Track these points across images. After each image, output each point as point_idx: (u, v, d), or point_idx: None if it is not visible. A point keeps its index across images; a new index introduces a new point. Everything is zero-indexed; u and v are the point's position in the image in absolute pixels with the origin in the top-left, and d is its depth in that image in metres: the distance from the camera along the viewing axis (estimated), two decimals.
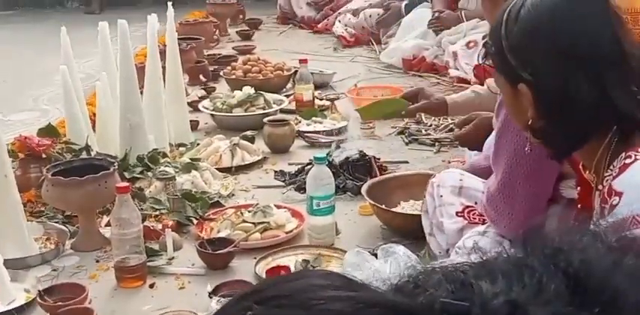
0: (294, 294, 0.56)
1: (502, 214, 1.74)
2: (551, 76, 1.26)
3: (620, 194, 1.21)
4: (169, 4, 3.07)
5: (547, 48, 1.27)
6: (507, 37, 1.30)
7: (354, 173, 2.56)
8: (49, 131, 2.71)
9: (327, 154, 2.43)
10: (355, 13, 5.00)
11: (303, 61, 3.42)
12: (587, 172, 1.41)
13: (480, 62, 1.42)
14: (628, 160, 1.24)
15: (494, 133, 1.81)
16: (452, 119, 3.07)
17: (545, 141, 1.35)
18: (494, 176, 1.78)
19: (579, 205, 1.61)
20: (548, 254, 0.59)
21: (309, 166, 2.55)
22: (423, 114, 3.18)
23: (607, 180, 1.27)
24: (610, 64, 1.25)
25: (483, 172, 2.00)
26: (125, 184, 2.11)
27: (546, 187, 1.71)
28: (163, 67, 3.00)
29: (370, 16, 4.82)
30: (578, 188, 1.60)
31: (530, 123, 1.32)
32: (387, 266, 1.89)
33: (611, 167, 1.27)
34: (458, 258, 1.77)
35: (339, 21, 5.01)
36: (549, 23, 1.29)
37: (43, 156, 2.51)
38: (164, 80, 2.99)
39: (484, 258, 0.61)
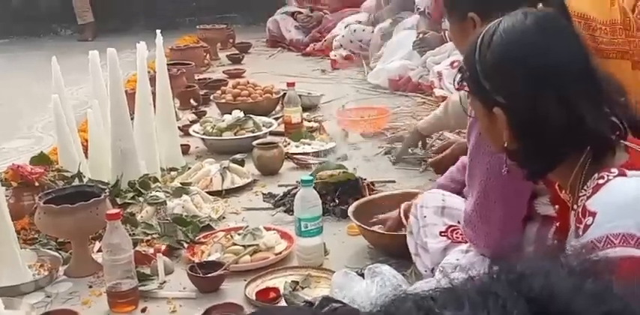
0: None
1: (479, 234, 1.78)
2: (523, 99, 1.30)
3: (593, 214, 1.24)
4: (158, 31, 3.12)
5: (519, 72, 1.30)
6: (481, 62, 1.34)
7: (340, 195, 2.59)
8: (41, 159, 2.74)
9: (313, 176, 2.46)
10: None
11: (290, 85, 3.47)
12: (564, 192, 1.45)
13: (456, 87, 1.46)
14: (601, 181, 1.26)
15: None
16: (439, 139, 3.12)
17: (520, 163, 1.39)
18: (470, 196, 1.81)
19: (557, 224, 1.65)
20: (511, 280, 0.60)
21: (296, 189, 2.59)
22: None
23: (581, 200, 1.29)
24: (581, 87, 1.29)
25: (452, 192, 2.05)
26: (115, 210, 2.15)
27: (521, 206, 1.74)
28: (154, 93, 3.05)
29: (355, 30, 4.89)
30: (556, 207, 1.63)
31: (505, 145, 1.36)
32: (374, 286, 1.92)
33: (585, 187, 1.30)
34: (440, 277, 1.80)
35: (336, 40, 5.06)
36: (520, 48, 1.33)
37: (36, 184, 2.53)
38: (155, 106, 3.03)
39: (452, 284, 0.63)
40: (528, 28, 1.33)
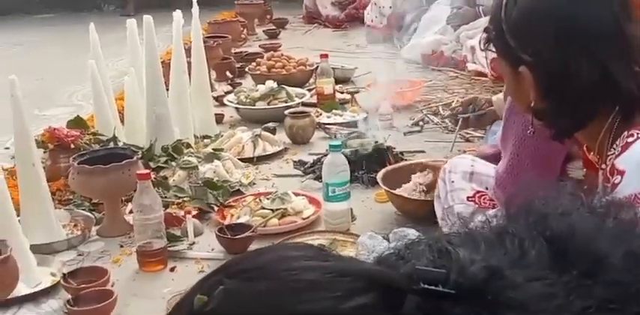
0: (265, 266, 0.56)
1: None
2: (550, 56, 1.28)
3: (622, 173, 1.23)
4: (194, 1, 3.14)
5: (546, 29, 1.29)
6: (507, 20, 1.33)
7: (369, 164, 2.60)
8: (77, 123, 2.79)
9: (342, 143, 2.48)
10: None
11: (323, 56, 3.48)
12: (591, 153, 1.43)
13: (482, 48, 1.45)
14: (630, 139, 1.25)
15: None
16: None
17: (547, 122, 1.37)
18: (503, 158, 1.81)
19: (585, 187, 1.64)
20: (531, 221, 0.60)
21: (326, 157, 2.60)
22: (440, 106, 3.23)
23: (610, 159, 1.28)
24: (610, 44, 1.27)
25: (488, 160, 2.04)
26: (146, 171, 2.18)
27: (554, 168, 1.73)
28: (190, 63, 3.08)
29: None
30: (584, 170, 1.62)
31: (532, 105, 1.34)
32: None
33: (614, 146, 1.29)
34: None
35: (368, 13, 5.03)
36: (547, 4, 1.31)
37: (72, 146, 2.57)
38: (190, 75, 3.07)
39: (469, 228, 0.62)
40: None
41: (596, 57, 1.26)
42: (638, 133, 1.25)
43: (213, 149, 2.79)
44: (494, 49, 1.41)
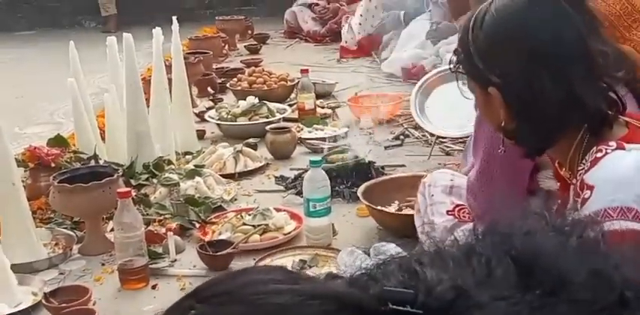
0: (236, 290, 0.57)
1: (480, 202, 1.80)
2: (517, 77, 1.30)
3: (591, 188, 1.24)
4: (174, 17, 3.15)
5: (511, 51, 1.31)
6: (474, 43, 1.35)
7: (351, 179, 2.62)
8: (58, 141, 2.78)
9: (323, 158, 2.50)
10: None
11: (304, 71, 3.50)
12: (564, 169, 1.45)
13: (452, 70, 1.47)
14: (599, 154, 1.26)
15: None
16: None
17: (517, 141, 1.40)
18: (475, 165, 1.84)
19: (559, 201, 1.66)
20: (497, 239, 0.60)
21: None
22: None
23: (580, 174, 1.30)
24: (575, 63, 1.28)
25: None
26: (126, 189, 2.18)
27: (522, 175, 1.77)
28: (171, 80, 3.09)
29: (373, 16, 4.92)
30: (558, 184, 1.64)
31: (502, 125, 1.37)
32: None
33: (584, 162, 1.30)
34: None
35: (344, 33, 5.09)
36: (512, 27, 1.33)
37: (53, 165, 2.57)
38: (170, 91, 3.08)
39: (439, 247, 0.62)
40: (520, 7, 1.33)
41: (562, 76, 1.28)
42: (606, 149, 1.27)
43: (194, 166, 2.79)
44: (463, 71, 1.43)
